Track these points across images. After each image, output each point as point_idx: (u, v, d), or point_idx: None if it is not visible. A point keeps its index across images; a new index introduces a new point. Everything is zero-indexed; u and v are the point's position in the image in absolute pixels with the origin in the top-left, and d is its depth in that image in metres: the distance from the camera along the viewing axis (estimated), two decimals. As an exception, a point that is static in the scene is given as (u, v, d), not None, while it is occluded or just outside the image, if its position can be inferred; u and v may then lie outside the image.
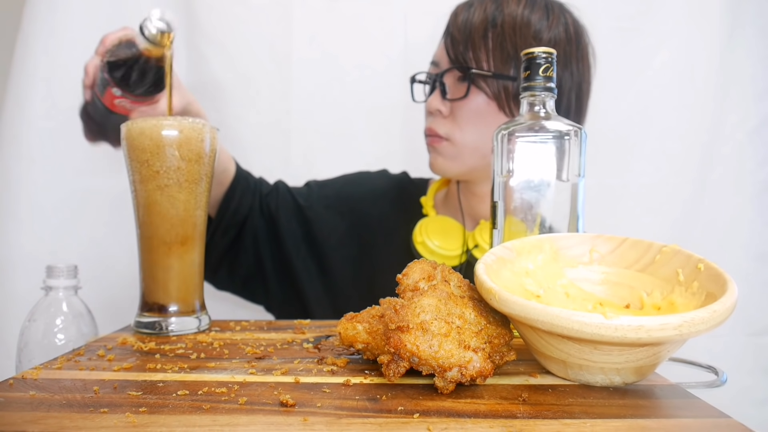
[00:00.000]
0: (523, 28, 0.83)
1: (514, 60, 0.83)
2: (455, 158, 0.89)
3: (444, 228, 0.93)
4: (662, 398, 0.43)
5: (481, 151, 0.87)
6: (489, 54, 0.83)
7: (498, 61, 0.83)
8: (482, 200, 0.94)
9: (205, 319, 0.66)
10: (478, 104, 0.85)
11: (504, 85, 0.84)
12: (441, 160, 0.90)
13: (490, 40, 0.83)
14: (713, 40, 1.28)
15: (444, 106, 0.87)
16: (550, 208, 0.61)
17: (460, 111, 0.86)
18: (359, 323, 0.50)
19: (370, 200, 1.02)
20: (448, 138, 0.88)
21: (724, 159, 1.30)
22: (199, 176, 0.64)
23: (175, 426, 0.36)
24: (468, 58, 0.84)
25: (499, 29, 0.83)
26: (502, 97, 0.84)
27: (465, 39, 0.84)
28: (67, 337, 0.69)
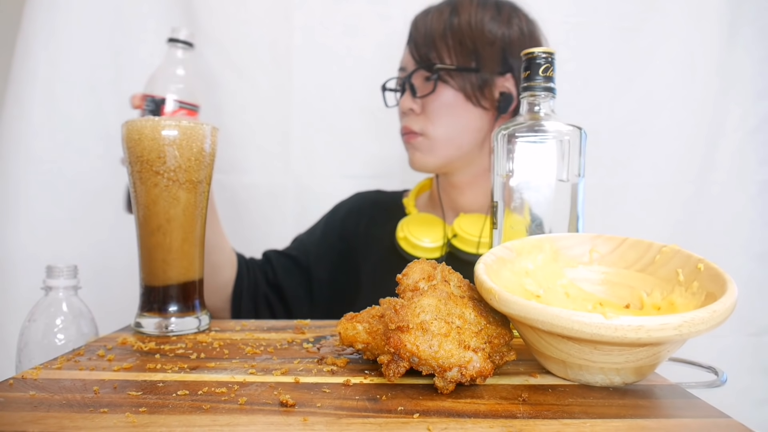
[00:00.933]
0: (476, 24, 0.90)
1: (474, 54, 0.90)
2: (431, 151, 0.93)
3: (424, 222, 0.98)
4: (662, 398, 0.43)
5: (455, 141, 0.93)
6: (450, 51, 0.90)
7: (459, 56, 0.90)
8: (462, 191, 0.98)
9: (205, 319, 0.66)
10: (447, 97, 0.91)
11: (468, 77, 0.90)
12: (418, 155, 0.94)
13: (449, 38, 0.90)
14: (713, 40, 1.28)
15: (415, 104, 0.92)
16: (550, 208, 0.61)
17: (430, 106, 0.91)
18: (359, 323, 0.50)
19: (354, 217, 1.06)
20: (422, 133, 0.93)
21: (724, 159, 1.30)
22: (199, 176, 0.64)
23: (175, 426, 0.36)
24: (432, 56, 0.90)
25: (457, 27, 0.90)
26: (468, 88, 0.90)
27: (427, 41, 0.91)
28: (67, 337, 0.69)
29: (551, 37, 1.26)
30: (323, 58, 1.29)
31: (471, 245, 0.92)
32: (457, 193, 0.99)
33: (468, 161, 0.95)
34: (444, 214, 1.00)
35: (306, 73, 1.29)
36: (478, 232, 0.92)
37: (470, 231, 0.92)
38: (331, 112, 1.30)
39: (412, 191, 1.05)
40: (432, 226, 0.97)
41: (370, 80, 1.14)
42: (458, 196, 0.99)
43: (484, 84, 0.90)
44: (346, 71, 1.30)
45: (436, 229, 0.96)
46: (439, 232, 0.95)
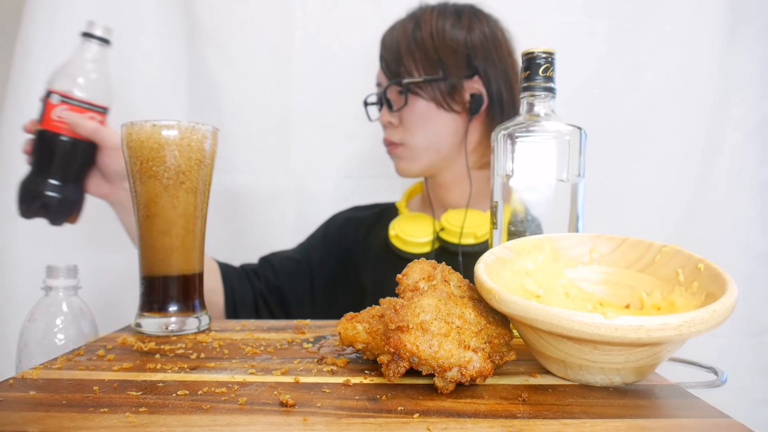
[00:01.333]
0: (437, 34, 0.95)
1: (439, 63, 0.94)
2: (412, 159, 0.99)
3: (414, 220, 1.02)
4: (662, 398, 0.43)
5: (434, 147, 0.98)
6: (417, 64, 0.95)
7: (426, 68, 0.95)
8: (448, 190, 1.03)
9: (205, 319, 0.66)
10: (420, 108, 0.96)
11: (436, 86, 0.95)
12: (402, 163, 1.00)
13: (414, 52, 0.95)
14: (713, 40, 1.28)
15: (393, 117, 0.98)
16: (550, 208, 0.61)
17: (406, 118, 0.97)
18: (359, 323, 0.50)
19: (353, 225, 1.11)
20: (402, 143, 0.98)
21: (724, 159, 1.30)
22: (199, 177, 0.64)
23: (175, 426, 0.36)
24: (401, 71, 0.96)
25: (420, 40, 0.95)
26: (438, 96, 0.95)
27: (395, 57, 0.97)
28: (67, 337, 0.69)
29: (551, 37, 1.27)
30: (323, 58, 1.29)
31: (459, 236, 0.96)
32: (443, 192, 1.04)
33: (449, 162, 1.00)
34: (434, 211, 1.04)
35: (306, 74, 1.29)
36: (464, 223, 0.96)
37: (457, 222, 0.97)
38: (331, 112, 1.30)
39: (404, 195, 1.10)
40: (422, 223, 1.01)
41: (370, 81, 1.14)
42: (445, 194, 1.03)
43: (453, 90, 0.95)
44: (346, 71, 1.30)
45: (425, 225, 1.00)
46: (428, 227, 1.00)
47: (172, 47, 1.27)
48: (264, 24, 1.28)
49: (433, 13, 0.97)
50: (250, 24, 1.27)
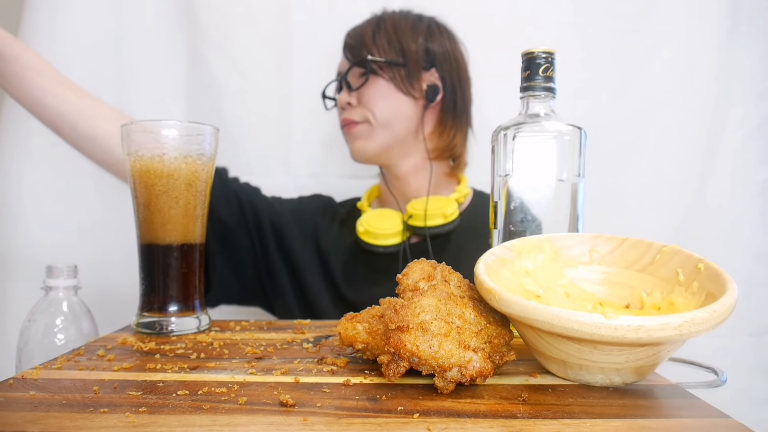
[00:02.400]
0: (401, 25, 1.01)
1: (400, 51, 1.00)
2: (369, 137, 1.01)
3: (381, 214, 1.04)
4: (662, 398, 0.43)
5: (391, 127, 1.01)
6: (379, 48, 1.00)
7: (388, 53, 1.00)
8: (407, 181, 1.06)
9: (205, 319, 0.66)
10: (379, 87, 1.00)
11: (396, 70, 1.00)
12: (360, 143, 1.02)
13: (378, 38, 1.01)
14: (713, 40, 1.28)
15: (352, 97, 1.02)
16: (550, 208, 0.61)
17: (366, 96, 1.00)
18: (359, 323, 0.50)
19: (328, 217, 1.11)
20: (362, 120, 1.01)
21: (724, 159, 1.29)
22: (199, 176, 0.64)
23: (175, 426, 0.36)
24: (363, 53, 1.00)
25: (384, 29, 1.01)
26: (397, 78, 1.00)
27: (358, 43, 1.02)
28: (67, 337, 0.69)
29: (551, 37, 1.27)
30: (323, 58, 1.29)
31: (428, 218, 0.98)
32: (402, 184, 1.06)
33: (404, 149, 1.03)
34: (398, 204, 1.06)
35: (306, 74, 1.29)
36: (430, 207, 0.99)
37: (422, 208, 1.00)
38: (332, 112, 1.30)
39: (364, 196, 1.12)
40: (388, 215, 1.03)
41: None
42: (404, 186, 1.06)
43: (412, 76, 1.00)
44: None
45: (392, 217, 1.03)
46: (396, 219, 1.02)
47: (172, 47, 1.27)
48: (264, 24, 1.28)
49: (395, 13, 1.05)
50: (250, 24, 1.27)
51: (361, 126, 1.01)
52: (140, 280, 0.65)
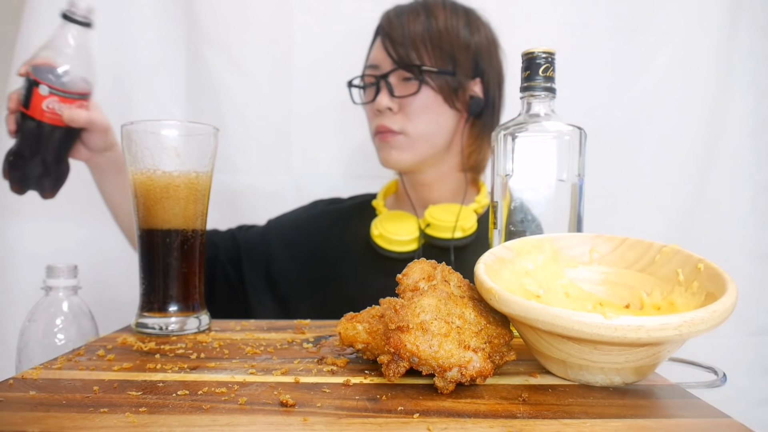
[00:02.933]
0: (453, 30, 0.94)
1: (451, 58, 0.93)
2: (408, 149, 0.95)
3: (397, 218, 0.99)
4: (662, 398, 0.43)
5: (431, 140, 0.96)
6: (430, 54, 0.93)
7: (438, 60, 0.93)
8: (430, 188, 1.01)
9: (205, 319, 0.66)
10: (427, 98, 0.93)
11: (446, 79, 0.93)
12: (395, 153, 0.96)
13: (428, 41, 0.93)
14: (713, 40, 1.28)
15: (393, 103, 0.94)
16: (551, 208, 0.61)
17: (410, 106, 0.94)
18: (359, 323, 0.50)
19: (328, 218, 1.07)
20: (402, 131, 0.94)
21: (724, 159, 1.30)
22: (199, 176, 0.64)
23: (175, 426, 0.36)
24: (413, 58, 0.92)
25: (436, 31, 0.93)
26: (446, 90, 0.94)
27: (406, 42, 0.93)
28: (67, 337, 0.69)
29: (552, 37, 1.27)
30: (323, 57, 1.29)
31: (445, 231, 0.94)
32: (425, 191, 1.02)
33: (437, 160, 0.98)
34: (415, 210, 1.02)
35: (306, 73, 1.29)
36: (450, 217, 0.95)
37: (442, 218, 0.95)
38: (332, 111, 1.30)
39: (379, 194, 1.07)
40: (404, 220, 0.99)
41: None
42: (427, 193, 1.02)
43: (459, 86, 0.94)
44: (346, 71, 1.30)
45: (409, 222, 0.98)
46: (412, 225, 0.97)
47: (172, 47, 1.27)
48: (264, 24, 1.28)
49: (445, 8, 0.96)
50: (250, 24, 1.27)
51: (399, 137, 0.95)
52: (140, 280, 0.65)
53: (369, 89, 0.99)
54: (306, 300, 1.01)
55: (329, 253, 1.03)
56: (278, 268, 1.03)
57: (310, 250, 1.04)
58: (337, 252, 1.03)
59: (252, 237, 1.07)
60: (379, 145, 0.98)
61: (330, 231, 1.05)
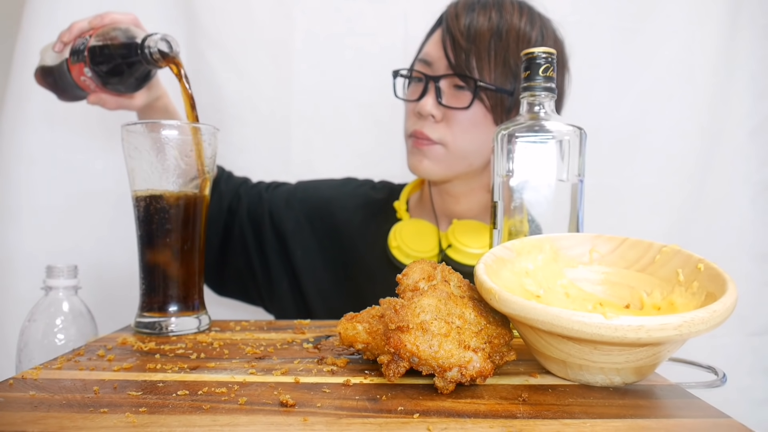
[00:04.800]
0: (524, 42, 0.84)
1: (513, 74, 0.84)
2: (444, 162, 0.88)
3: (418, 231, 0.93)
4: (662, 398, 0.43)
5: (470, 159, 0.88)
6: (491, 66, 0.83)
7: (499, 74, 0.83)
8: (457, 200, 0.95)
9: (205, 319, 0.66)
10: (476, 114, 0.85)
11: (501, 98, 0.84)
12: (428, 163, 0.88)
13: (493, 51, 0.83)
14: (713, 40, 1.28)
15: (438, 110, 0.86)
16: (550, 208, 0.61)
17: (456, 118, 0.86)
18: (359, 323, 0.50)
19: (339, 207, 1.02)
20: (441, 143, 0.87)
21: (724, 159, 1.30)
22: (199, 177, 0.64)
23: (175, 426, 0.36)
24: (472, 67, 0.83)
25: (504, 42, 0.83)
26: (499, 110, 0.85)
27: (469, 47, 0.83)
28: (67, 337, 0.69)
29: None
30: (324, 58, 1.29)
31: (467, 257, 0.89)
32: (452, 201, 0.95)
33: (470, 177, 0.92)
34: (437, 219, 0.97)
35: (306, 73, 1.29)
36: (473, 243, 0.89)
37: (465, 242, 0.89)
38: (332, 112, 1.30)
39: (403, 193, 1.01)
40: (425, 234, 0.93)
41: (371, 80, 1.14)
42: (454, 205, 0.95)
43: (514, 107, 0.85)
44: (346, 71, 1.30)
45: (429, 238, 0.92)
46: (433, 240, 0.92)
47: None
48: (264, 24, 1.28)
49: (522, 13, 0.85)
50: (250, 24, 1.27)
51: (436, 147, 0.87)
52: (140, 280, 0.65)
53: (414, 85, 0.91)
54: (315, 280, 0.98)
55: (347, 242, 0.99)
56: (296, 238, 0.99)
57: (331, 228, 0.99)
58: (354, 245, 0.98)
59: (278, 198, 1.02)
60: (411, 149, 0.91)
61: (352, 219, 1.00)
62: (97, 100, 0.80)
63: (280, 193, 1.03)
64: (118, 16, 0.74)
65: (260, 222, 1.00)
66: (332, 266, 0.99)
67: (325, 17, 1.28)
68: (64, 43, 0.76)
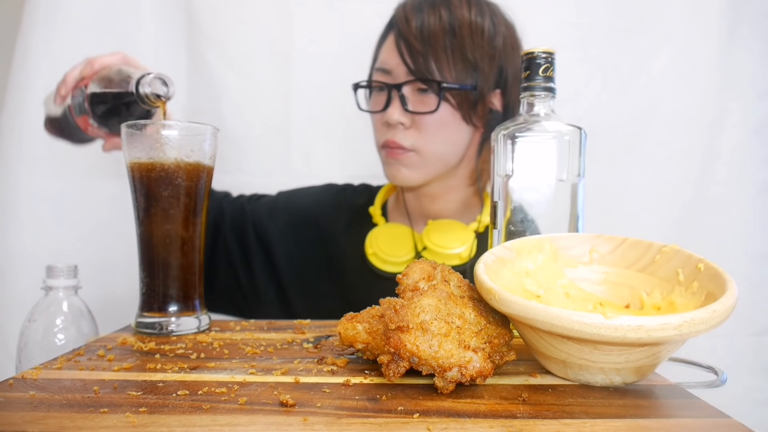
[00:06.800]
0: (477, 34, 0.84)
1: (473, 68, 0.84)
2: (421, 168, 0.88)
3: (392, 236, 0.93)
4: (662, 398, 0.43)
5: (445, 159, 0.89)
6: (451, 64, 0.83)
7: (460, 71, 0.83)
8: (434, 200, 0.94)
9: (205, 319, 0.66)
10: (444, 115, 0.85)
11: (466, 94, 0.84)
12: (405, 171, 0.88)
13: (450, 49, 0.83)
14: (713, 40, 1.28)
15: (405, 117, 0.85)
16: (550, 208, 0.61)
17: (425, 123, 0.85)
18: (359, 323, 0.50)
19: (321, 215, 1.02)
20: (414, 149, 0.87)
21: (724, 159, 1.30)
22: (199, 176, 0.64)
23: (175, 426, 0.36)
24: (432, 70, 0.83)
25: (459, 38, 0.83)
26: (465, 106, 0.85)
27: (426, 49, 0.82)
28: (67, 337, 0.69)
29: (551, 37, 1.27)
30: (323, 58, 1.29)
31: (442, 258, 0.89)
32: (428, 202, 0.95)
33: (447, 175, 0.92)
34: (412, 221, 0.96)
35: (306, 74, 1.29)
36: (448, 243, 0.89)
37: (440, 243, 0.89)
38: (331, 112, 1.30)
39: (378, 198, 1.00)
40: (400, 239, 0.92)
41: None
42: (430, 205, 0.95)
43: (479, 100, 0.85)
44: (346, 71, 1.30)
45: (404, 242, 0.92)
46: (408, 245, 0.92)
47: (172, 47, 1.27)
48: (264, 24, 1.28)
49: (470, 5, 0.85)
50: (250, 24, 1.27)
51: (410, 154, 0.86)
52: (140, 280, 0.65)
53: (377, 95, 0.91)
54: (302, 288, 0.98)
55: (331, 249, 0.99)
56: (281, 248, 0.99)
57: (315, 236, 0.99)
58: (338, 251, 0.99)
59: (260, 210, 1.02)
60: (386, 160, 0.90)
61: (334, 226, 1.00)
62: (113, 146, 0.80)
63: (262, 204, 1.03)
64: (106, 60, 0.74)
65: (244, 234, 1.01)
66: (317, 274, 0.99)
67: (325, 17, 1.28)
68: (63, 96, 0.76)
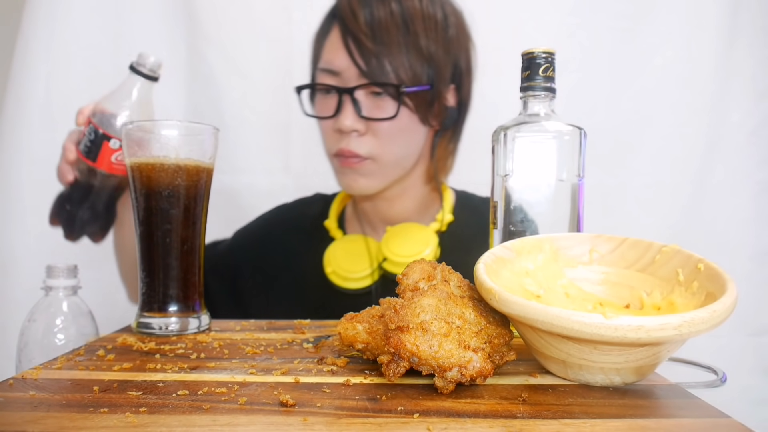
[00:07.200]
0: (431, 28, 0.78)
1: (428, 63, 0.79)
2: (378, 175, 0.83)
3: (350, 250, 0.87)
4: (662, 398, 0.43)
5: (403, 163, 0.84)
6: (407, 63, 0.77)
7: (417, 68, 0.78)
8: (391, 204, 0.90)
9: (205, 319, 0.66)
10: (402, 120, 0.79)
11: (422, 95, 0.79)
12: (363, 180, 0.83)
13: (404, 46, 0.77)
14: (713, 40, 1.28)
15: (360, 124, 0.79)
16: (550, 208, 0.61)
17: (382, 129, 0.80)
18: (359, 323, 0.50)
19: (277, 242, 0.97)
20: (370, 157, 0.81)
21: (723, 159, 1.30)
22: (199, 176, 0.64)
23: (175, 426, 0.36)
24: (387, 71, 0.77)
25: (413, 32, 0.77)
26: (423, 108, 0.80)
27: (379, 49, 0.76)
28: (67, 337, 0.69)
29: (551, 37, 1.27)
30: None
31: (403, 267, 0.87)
32: (386, 206, 0.90)
33: (404, 177, 0.88)
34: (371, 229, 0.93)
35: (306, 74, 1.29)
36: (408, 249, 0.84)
37: (399, 251, 0.84)
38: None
39: (332, 209, 0.95)
40: (358, 254, 0.86)
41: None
42: (388, 209, 0.91)
43: (435, 99, 0.80)
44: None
45: (363, 257, 0.86)
46: (367, 259, 0.86)
47: (172, 47, 1.27)
48: (264, 23, 1.28)
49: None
50: (250, 24, 1.27)
51: (366, 162, 0.81)
52: (140, 280, 0.65)
53: (324, 98, 0.84)
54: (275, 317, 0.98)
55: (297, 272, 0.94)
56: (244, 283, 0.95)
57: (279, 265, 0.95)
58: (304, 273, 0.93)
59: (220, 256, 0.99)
60: (340, 169, 0.84)
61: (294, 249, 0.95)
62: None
63: (221, 250, 1.00)
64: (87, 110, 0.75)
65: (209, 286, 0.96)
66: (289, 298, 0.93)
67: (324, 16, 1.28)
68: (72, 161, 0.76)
